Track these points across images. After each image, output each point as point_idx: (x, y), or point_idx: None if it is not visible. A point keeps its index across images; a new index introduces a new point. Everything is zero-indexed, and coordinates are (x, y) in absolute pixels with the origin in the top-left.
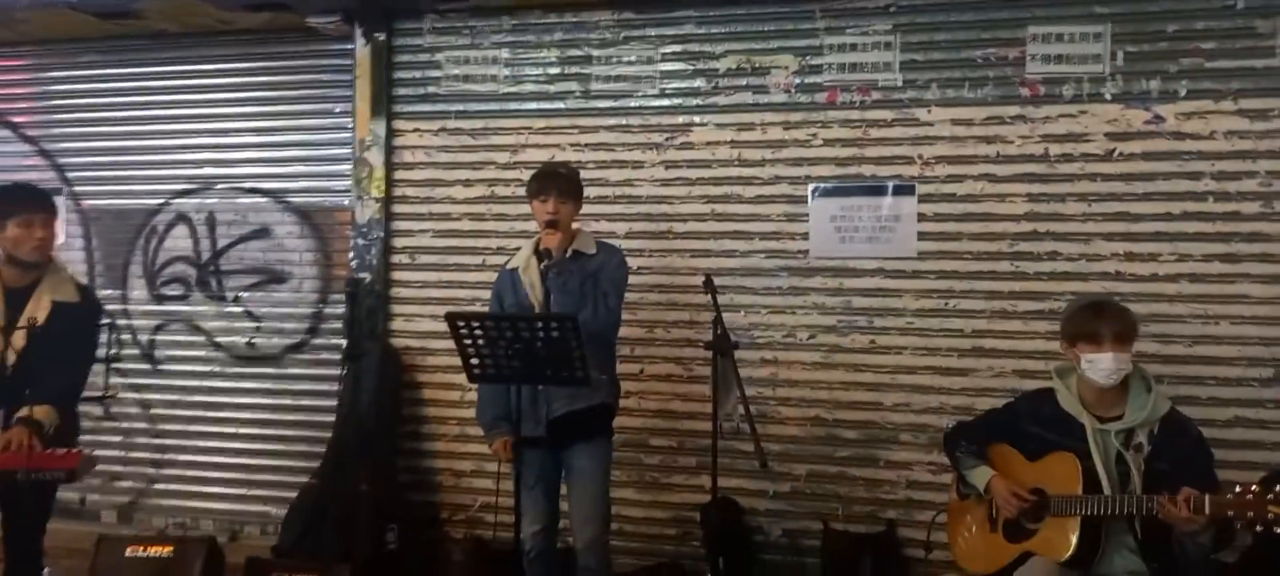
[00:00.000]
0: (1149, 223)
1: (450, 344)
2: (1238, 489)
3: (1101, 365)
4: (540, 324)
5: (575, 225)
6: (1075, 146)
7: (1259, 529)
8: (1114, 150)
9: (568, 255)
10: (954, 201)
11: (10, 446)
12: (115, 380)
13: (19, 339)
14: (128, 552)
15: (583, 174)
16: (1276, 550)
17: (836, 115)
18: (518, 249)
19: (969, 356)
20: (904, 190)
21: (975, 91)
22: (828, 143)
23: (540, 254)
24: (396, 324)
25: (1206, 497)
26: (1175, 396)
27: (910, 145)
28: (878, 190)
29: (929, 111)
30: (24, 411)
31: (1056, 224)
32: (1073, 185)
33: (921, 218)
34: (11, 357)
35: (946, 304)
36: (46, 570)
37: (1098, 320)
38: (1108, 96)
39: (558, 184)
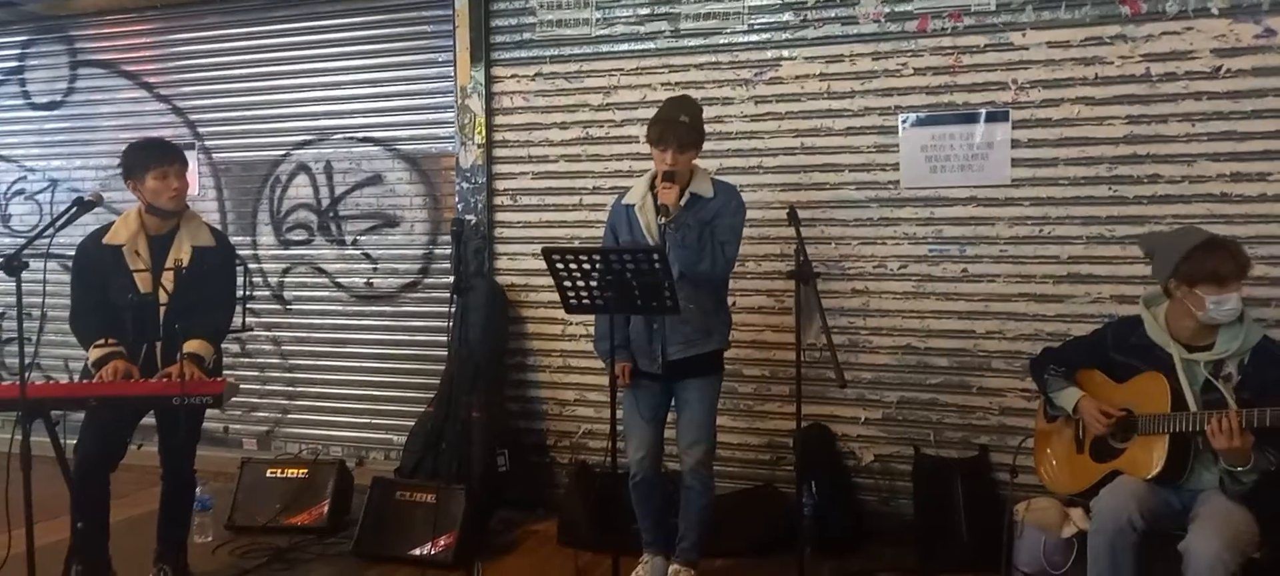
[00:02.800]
0: (1257, 141)
1: (552, 280)
2: None
3: (1228, 305)
4: (628, 256)
5: (695, 162)
6: (1179, 65)
7: None
8: (1221, 67)
9: (681, 206)
10: (1049, 126)
11: (174, 378)
12: (249, 319)
13: (168, 280)
14: (268, 474)
15: None
16: None
17: (927, 43)
18: (629, 186)
19: (1064, 283)
20: (997, 117)
21: (1072, 12)
22: (918, 71)
23: (658, 204)
24: (501, 262)
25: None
26: None
27: (1004, 71)
28: (970, 118)
29: (1024, 35)
30: (188, 348)
31: (1158, 146)
32: (1176, 105)
33: (1015, 144)
34: (163, 297)
35: (1041, 231)
36: (199, 487)
37: (1222, 259)
38: (1214, 11)
39: (678, 135)
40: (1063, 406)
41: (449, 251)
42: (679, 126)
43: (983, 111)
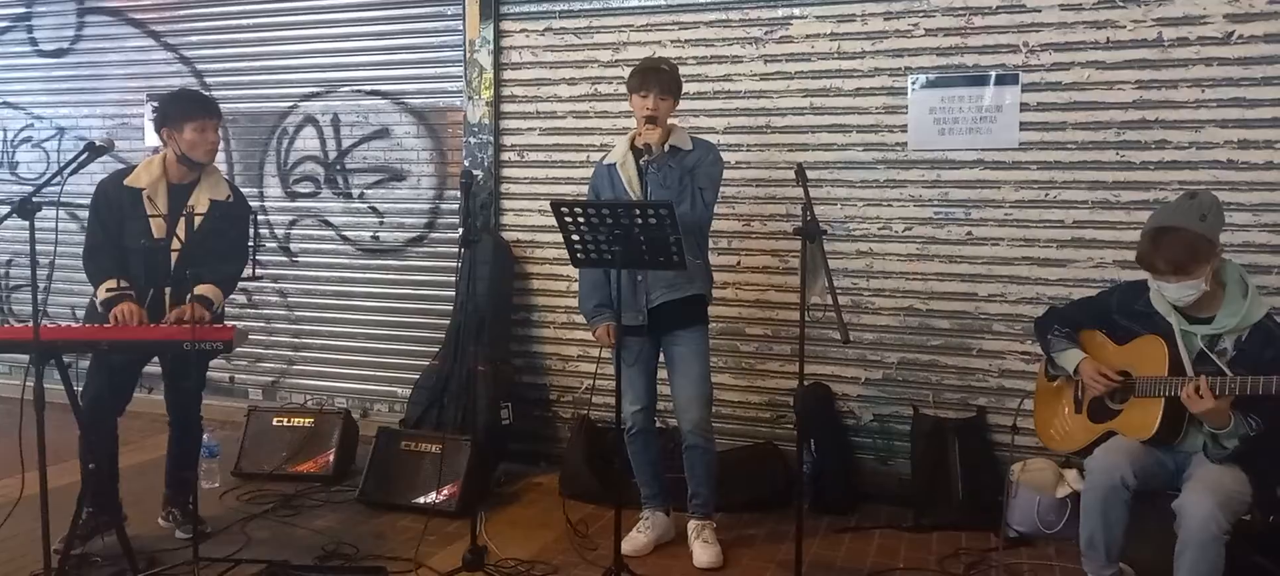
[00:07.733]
0: (1266, 109)
1: (557, 236)
2: None
3: (1167, 291)
4: (638, 211)
5: (672, 121)
6: (1191, 30)
7: None
8: (1233, 33)
9: (665, 150)
10: (1059, 90)
11: (184, 318)
12: (257, 270)
13: (181, 228)
14: (274, 422)
15: (682, 70)
16: None
17: (939, 3)
18: (613, 145)
19: (1068, 247)
20: (1007, 80)
21: None
22: (929, 32)
23: (637, 149)
24: (507, 218)
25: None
26: None
27: (1016, 33)
28: (980, 80)
29: None
30: (198, 291)
31: (1166, 111)
32: (1186, 71)
33: (1024, 108)
34: (176, 244)
35: (1047, 195)
36: (206, 434)
37: (1154, 251)
38: None
39: (660, 80)
40: (1064, 367)
41: (455, 206)
42: (661, 73)
43: (992, 74)
